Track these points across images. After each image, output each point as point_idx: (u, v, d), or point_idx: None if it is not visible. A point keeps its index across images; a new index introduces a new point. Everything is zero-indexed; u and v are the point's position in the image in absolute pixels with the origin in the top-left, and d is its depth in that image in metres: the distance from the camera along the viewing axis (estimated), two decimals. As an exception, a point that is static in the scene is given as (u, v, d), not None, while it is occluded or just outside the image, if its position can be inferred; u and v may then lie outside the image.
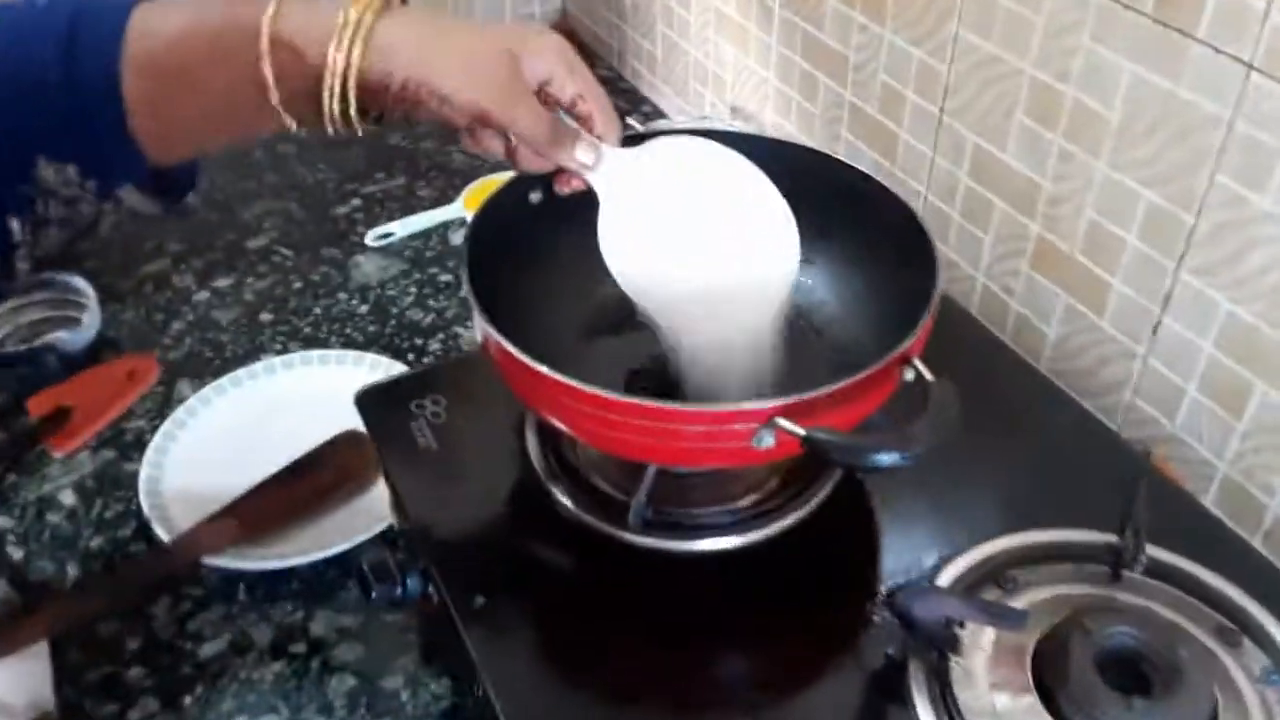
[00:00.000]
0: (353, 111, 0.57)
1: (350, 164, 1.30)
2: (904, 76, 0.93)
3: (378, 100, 0.58)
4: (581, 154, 0.62)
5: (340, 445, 0.89)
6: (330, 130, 0.58)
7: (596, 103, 0.62)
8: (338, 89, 0.56)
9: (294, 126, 0.58)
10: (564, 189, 0.66)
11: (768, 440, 0.55)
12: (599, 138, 0.63)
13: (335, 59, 0.55)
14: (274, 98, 0.56)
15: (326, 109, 0.57)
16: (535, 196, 0.73)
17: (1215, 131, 0.68)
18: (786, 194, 0.74)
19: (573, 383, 0.56)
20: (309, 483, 0.87)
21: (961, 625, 0.58)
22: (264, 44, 0.55)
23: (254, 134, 0.58)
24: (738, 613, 0.63)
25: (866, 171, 0.71)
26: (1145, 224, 0.75)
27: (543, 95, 0.60)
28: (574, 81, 0.60)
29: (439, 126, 1.32)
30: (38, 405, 0.92)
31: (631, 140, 0.66)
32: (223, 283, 1.12)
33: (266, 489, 0.86)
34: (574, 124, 0.62)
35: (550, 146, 0.61)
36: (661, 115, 1.37)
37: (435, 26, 0.57)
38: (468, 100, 0.56)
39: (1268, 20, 0.63)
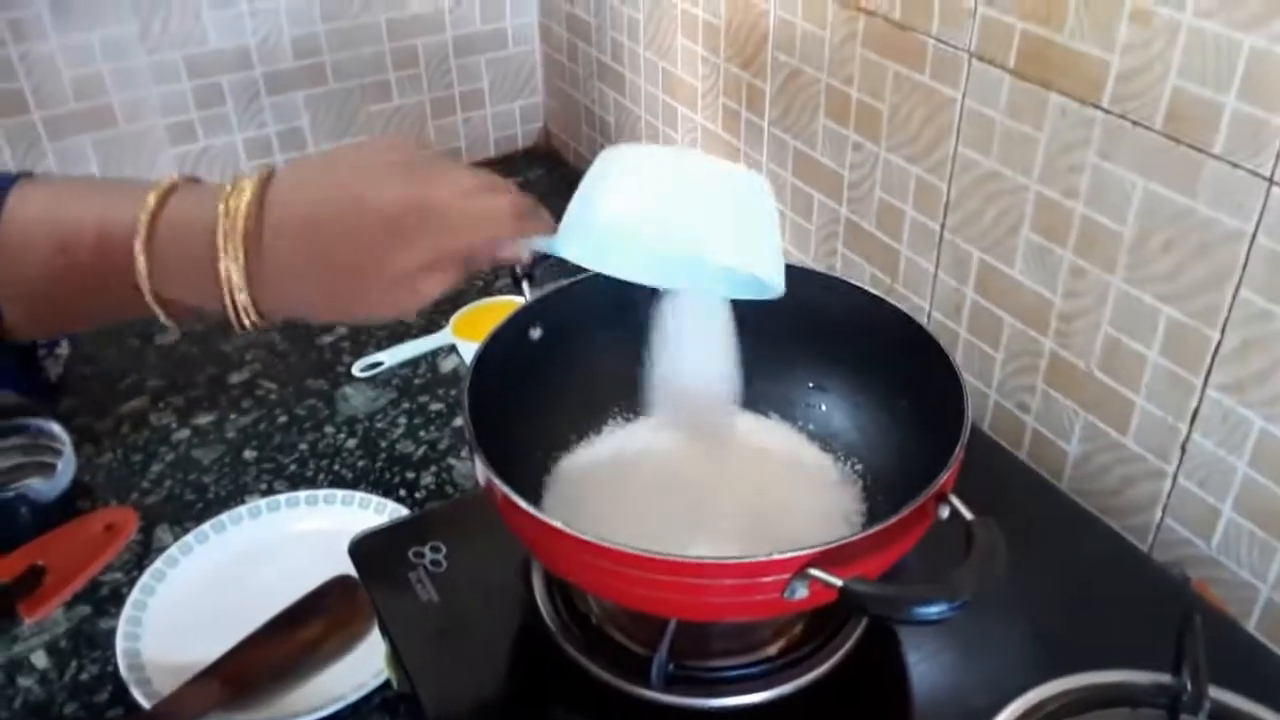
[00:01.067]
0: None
1: (334, 292, 1.28)
2: (902, 193, 0.92)
3: None
4: (504, 253, 0.58)
5: (331, 593, 0.84)
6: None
7: (491, 238, 0.57)
8: (245, 329, 0.56)
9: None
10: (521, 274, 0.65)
11: (801, 591, 0.52)
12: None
13: (233, 317, 0.55)
14: (172, 329, 0.58)
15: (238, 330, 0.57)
16: (535, 333, 0.70)
17: (1237, 246, 0.66)
18: (793, 318, 0.72)
19: (585, 537, 0.52)
20: (299, 636, 0.82)
21: (1017, 785, 0.54)
22: (151, 304, 0.55)
23: None
24: (770, 775, 0.59)
25: (878, 294, 0.69)
26: (1167, 340, 0.73)
27: None
28: (462, 245, 0.56)
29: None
30: (8, 566, 0.87)
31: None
32: (204, 420, 1.08)
33: (253, 645, 0.81)
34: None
35: (479, 269, 0.59)
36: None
37: (308, 251, 0.55)
38: (378, 320, 0.60)
39: (1287, 135, 0.61)
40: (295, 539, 0.92)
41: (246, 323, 0.56)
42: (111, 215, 0.54)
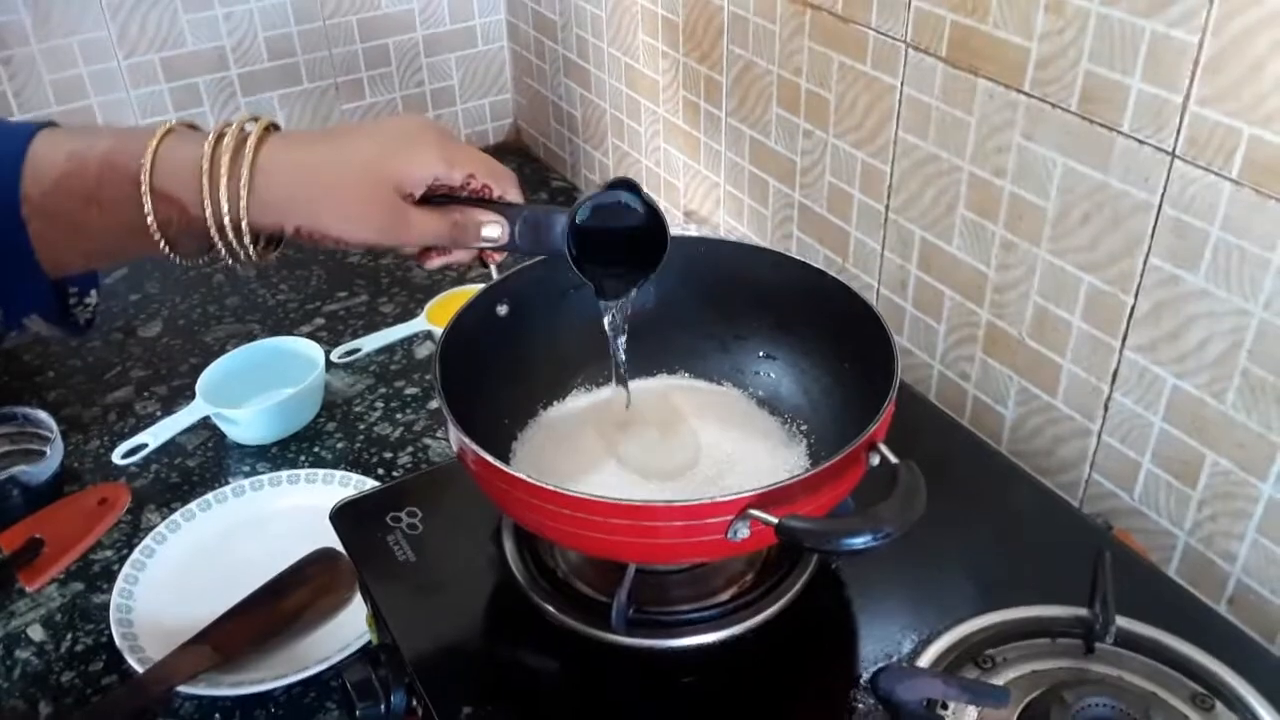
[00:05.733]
0: (251, 254, 0.60)
1: (311, 284, 1.32)
2: (849, 177, 0.97)
3: (274, 238, 0.62)
4: (489, 232, 0.65)
5: (313, 564, 0.89)
6: (230, 263, 0.62)
7: (485, 174, 0.65)
8: (232, 240, 0.59)
9: (183, 261, 0.61)
10: (491, 261, 0.70)
11: (743, 531, 0.56)
12: (500, 198, 0.66)
13: (221, 217, 0.58)
14: (160, 244, 0.58)
15: (223, 252, 0.60)
16: (502, 310, 0.75)
17: (1145, 216, 0.72)
18: (745, 292, 0.77)
19: (547, 486, 0.57)
20: (283, 604, 0.86)
21: (944, 706, 0.59)
22: (145, 197, 0.57)
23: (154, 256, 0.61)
24: (724, 707, 0.63)
25: (820, 268, 0.74)
26: (1087, 306, 0.78)
27: (434, 186, 0.63)
28: (458, 170, 0.63)
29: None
30: (8, 539, 0.91)
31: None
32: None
33: (240, 612, 0.85)
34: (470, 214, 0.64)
35: (456, 244, 0.65)
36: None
37: (309, 165, 0.60)
38: (359, 240, 0.61)
39: (1186, 111, 0.67)
40: (278, 515, 0.97)
41: (228, 222, 0.58)
42: (129, 135, 0.59)
